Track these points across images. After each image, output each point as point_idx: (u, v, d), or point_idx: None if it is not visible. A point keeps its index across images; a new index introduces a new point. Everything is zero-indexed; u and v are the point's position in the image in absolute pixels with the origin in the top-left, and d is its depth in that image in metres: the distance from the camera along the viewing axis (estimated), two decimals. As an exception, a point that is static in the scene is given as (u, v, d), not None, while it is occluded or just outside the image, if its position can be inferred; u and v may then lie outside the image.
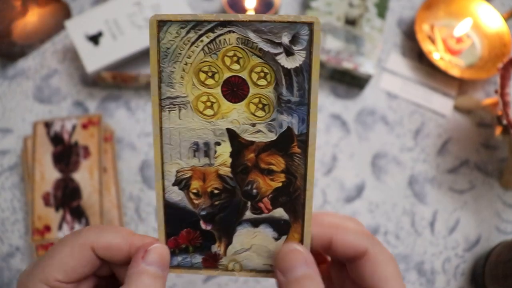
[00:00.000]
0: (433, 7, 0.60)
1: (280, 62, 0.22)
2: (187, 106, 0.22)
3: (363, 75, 0.54)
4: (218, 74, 0.22)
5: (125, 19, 0.53)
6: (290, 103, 0.22)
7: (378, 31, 0.56)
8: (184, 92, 0.22)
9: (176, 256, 0.24)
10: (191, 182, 0.23)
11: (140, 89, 0.55)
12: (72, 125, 0.48)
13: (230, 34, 0.21)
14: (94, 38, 0.52)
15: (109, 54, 0.51)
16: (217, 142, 0.23)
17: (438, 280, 0.49)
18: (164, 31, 0.21)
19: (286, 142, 0.22)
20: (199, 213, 0.24)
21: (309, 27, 0.21)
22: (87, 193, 0.46)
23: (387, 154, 0.54)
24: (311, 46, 0.21)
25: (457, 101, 0.57)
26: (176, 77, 0.22)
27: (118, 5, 0.53)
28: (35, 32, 0.56)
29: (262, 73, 0.22)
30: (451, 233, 0.51)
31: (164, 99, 0.22)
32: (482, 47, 0.59)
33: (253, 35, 0.21)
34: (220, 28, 0.21)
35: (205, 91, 0.22)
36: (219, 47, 0.22)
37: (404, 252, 0.50)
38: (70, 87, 0.55)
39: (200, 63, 0.22)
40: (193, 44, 0.22)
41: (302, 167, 0.23)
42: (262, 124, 0.22)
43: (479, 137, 0.56)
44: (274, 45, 0.21)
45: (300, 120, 0.22)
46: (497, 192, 0.54)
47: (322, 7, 0.56)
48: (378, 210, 0.52)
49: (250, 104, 0.22)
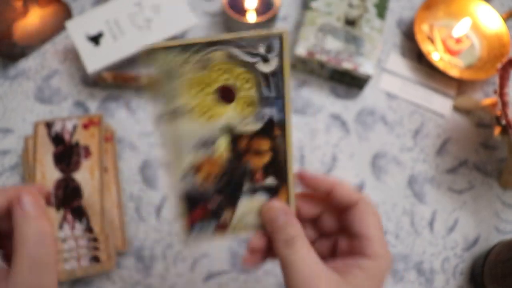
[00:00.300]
0: (432, 7, 0.60)
1: (258, 69, 0.27)
2: (189, 113, 0.28)
3: (363, 75, 0.54)
4: (210, 84, 0.27)
5: (125, 19, 0.53)
6: (269, 98, 0.28)
7: (378, 31, 0.56)
8: (185, 102, 0.27)
9: (194, 228, 0.31)
10: (199, 171, 0.29)
11: (141, 89, 0.55)
12: (73, 125, 0.48)
13: (216, 52, 0.26)
14: (95, 39, 0.52)
15: (109, 55, 0.51)
16: (216, 138, 0.28)
17: (437, 279, 0.49)
18: (159, 57, 0.26)
19: (269, 128, 0.29)
20: (208, 193, 0.30)
21: (280, 38, 0.26)
22: (87, 192, 0.46)
23: (387, 154, 0.55)
24: (282, 53, 0.27)
25: (456, 101, 0.58)
26: (177, 91, 0.27)
27: (118, 6, 0.53)
28: (36, 32, 0.56)
29: (245, 79, 0.27)
30: (450, 233, 0.52)
31: (170, 109, 0.27)
32: (481, 48, 0.60)
33: (236, 50, 0.27)
34: (208, 47, 0.26)
35: (202, 99, 0.28)
36: (208, 64, 0.27)
37: (403, 252, 0.50)
38: (71, 88, 0.55)
39: (195, 77, 0.27)
40: (187, 63, 0.27)
41: (283, 145, 0.29)
42: (250, 117, 0.28)
43: (478, 137, 0.56)
44: (253, 55, 0.27)
45: (278, 110, 0.28)
46: (496, 192, 0.54)
47: (322, 7, 0.57)
48: (378, 210, 0.52)
49: (238, 104, 0.28)
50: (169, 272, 0.48)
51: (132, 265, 0.48)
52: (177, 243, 0.49)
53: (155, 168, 0.52)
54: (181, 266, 0.48)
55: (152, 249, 0.48)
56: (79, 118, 0.49)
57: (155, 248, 0.48)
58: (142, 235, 0.49)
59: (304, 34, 0.55)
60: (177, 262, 0.48)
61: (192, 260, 0.48)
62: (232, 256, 0.49)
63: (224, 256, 0.49)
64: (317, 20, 0.56)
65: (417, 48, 0.60)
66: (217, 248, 0.49)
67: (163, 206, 0.50)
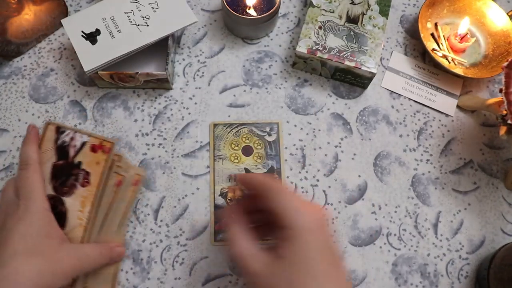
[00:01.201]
0: (436, 4, 0.59)
1: (266, 139, 0.52)
2: (226, 158, 0.51)
3: (366, 73, 0.53)
4: (239, 144, 0.52)
5: (123, 16, 0.52)
6: (272, 155, 0.52)
7: (381, 29, 0.55)
8: (225, 152, 0.51)
9: (219, 234, 0.48)
10: (228, 194, 0.50)
11: (138, 88, 0.54)
12: (82, 142, 0.43)
13: (244, 128, 0.52)
14: (91, 37, 0.51)
15: (107, 53, 0.50)
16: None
17: (441, 283, 0.48)
18: (215, 128, 0.52)
19: (271, 172, 0.51)
20: None
21: (277, 124, 0.53)
22: (71, 224, 0.41)
23: (390, 155, 0.53)
24: (278, 131, 0.53)
25: (461, 100, 0.56)
26: (221, 146, 0.52)
27: (115, 3, 0.52)
28: (31, 30, 0.54)
29: (258, 143, 0.52)
30: (454, 235, 0.50)
31: (216, 156, 0.51)
32: (486, 46, 0.58)
33: (254, 128, 0.53)
34: (239, 126, 0.52)
35: (234, 152, 0.51)
36: (239, 134, 0.52)
37: (407, 254, 0.49)
38: (67, 86, 0.54)
39: (231, 140, 0.52)
40: (228, 132, 0.52)
41: (280, 180, 0.51)
42: (259, 165, 0.51)
43: (483, 137, 0.55)
44: (263, 131, 0.52)
45: (276, 162, 0.51)
46: (502, 193, 0.53)
47: (324, 4, 0.55)
48: (380, 212, 0.51)
49: (254, 157, 0.51)
50: (168, 276, 0.47)
51: (130, 268, 0.46)
52: (176, 246, 0.48)
53: (153, 169, 0.51)
54: (179, 270, 0.47)
55: (150, 251, 0.47)
56: (92, 137, 0.43)
57: (153, 251, 0.47)
58: (139, 238, 0.48)
59: (305, 32, 0.54)
60: (175, 265, 0.47)
61: (191, 263, 0.47)
62: (231, 260, 0.47)
63: (223, 259, 0.47)
64: (318, 17, 0.55)
65: (421, 46, 0.58)
66: (216, 252, 0.48)
67: (161, 208, 0.49)
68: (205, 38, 0.58)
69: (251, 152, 0.50)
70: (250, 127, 0.51)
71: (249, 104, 0.54)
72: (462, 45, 0.57)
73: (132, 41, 0.50)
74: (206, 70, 0.56)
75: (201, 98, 0.54)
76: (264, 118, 0.54)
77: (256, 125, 0.52)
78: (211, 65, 0.56)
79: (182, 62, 0.56)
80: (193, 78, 0.55)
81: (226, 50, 0.57)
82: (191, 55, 0.57)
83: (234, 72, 0.56)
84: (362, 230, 0.50)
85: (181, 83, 0.55)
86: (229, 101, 0.54)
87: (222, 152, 0.51)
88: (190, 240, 0.48)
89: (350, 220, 0.50)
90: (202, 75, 0.56)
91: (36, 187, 0.39)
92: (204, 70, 0.56)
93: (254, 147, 0.51)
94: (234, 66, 0.56)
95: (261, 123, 0.52)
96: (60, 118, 0.52)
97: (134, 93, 0.54)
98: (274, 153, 0.51)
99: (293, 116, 0.54)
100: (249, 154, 0.50)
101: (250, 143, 0.51)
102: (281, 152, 0.51)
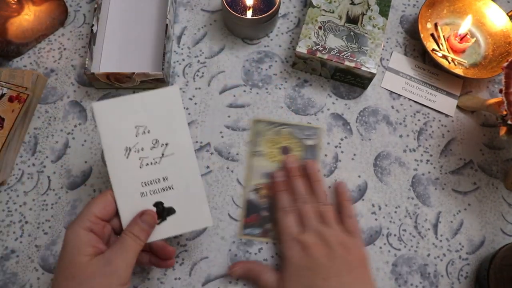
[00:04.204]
0: (436, 5, 0.59)
1: (305, 142, 0.53)
2: (263, 155, 0.52)
3: (366, 74, 0.53)
4: (278, 144, 0.52)
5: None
6: (309, 158, 0.52)
7: (381, 29, 0.55)
8: (263, 149, 0.52)
9: (247, 228, 0.49)
10: (261, 190, 0.50)
11: (137, 89, 0.54)
12: (1, 93, 0.48)
13: (285, 128, 0.53)
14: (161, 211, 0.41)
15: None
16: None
17: (441, 283, 0.48)
18: (256, 124, 0.53)
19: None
20: (263, 206, 0.50)
21: (317, 129, 0.53)
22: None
23: (390, 155, 0.53)
24: (318, 136, 0.53)
25: (461, 100, 0.56)
26: (260, 142, 0.52)
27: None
28: (31, 30, 0.54)
29: (297, 145, 0.52)
30: (454, 235, 0.50)
31: (254, 151, 0.52)
32: (486, 46, 0.58)
33: (295, 130, 0.53)
34: (281, 126, 0.53)
35: (272, 150, 0.52)
36: (279, 133, 0.53)
37: (407, 255, 0.49)
38: (67, 87, 0.54)
39: (271, 137, 0.52)
40: (269, 130, 0.53)
41: None
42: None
43: (483, 138, 0.55)
44: (304, 135, 0.53)
45: None
46: (502, 193, 0.53)
47: (323, 4, 0.55)
48: (380, 212, 0.51)
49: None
50: (167, 276, 0.46)
51: (129, 268, 0.46)
52: (176, 246, 0.48)
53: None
54: (179, 270, 0.47)
55: (149, 252, 0.47)
56: (12, 89, 0.49)
57: (152, 251, 0.47)
58: (139, 238, 0.48)
59: (305, 32, 0.54)
60: (175, 265, 0.47)
61: (191, 263, 0.47)
62: (232, 260, 0.47)
63: (223, 259, 0.47)
64: (318, 17, 0.55)
65: (421, 47, 0.58)
66: (216, 252, 0.48)
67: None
68: (205, 38, 0.58)
69: (289, 153, 0.51)
70: (291, 129, 0.52)
71: (249, 105, 0.54)
72: (462, 45, 0.57)
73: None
74: (206, 71, 0.56)
75: (201, 98, 0.54)
76: (264, 118, 0.54)
77: (298, 127, 0.53)
78: (211, 66, 0.56)
79: (182, 62, 0.56)
80: (193, 78, 0.55)
81: (226, 51, 0.57)
82: (191, 55, 0.57)
83: (234, 72, 0.56)
84: (362, 230, 0.50)
85: (181, 84, 0.55)
86: (229, 101, 0.54)
87: (260, 149, 0.51)
88: (190, 240, 0.48)
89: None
90: (202, 75, 0.56)
91: None
92: (204, 70, 0.56)
93: (292, 149, 0.51)
94: (234, 67, 0.56)
95: (303, 126, 0.53)
96: (60, 119, 0.52)
97: (133, 93, 0.54)
98: (311, 157, 0.51)
99: (293, 117, 0.54)
100: (286, 153, 0.51)
101: (289, 144, 0.52)
102: (319, 157, 0.52)
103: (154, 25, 0.57)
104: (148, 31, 0.57)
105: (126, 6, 0.59)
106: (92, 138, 0.52)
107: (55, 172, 0.50)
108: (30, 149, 0.51)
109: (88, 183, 0.50)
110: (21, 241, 0.47)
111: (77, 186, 0.50)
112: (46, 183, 0.50)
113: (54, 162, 0.51)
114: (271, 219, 0.49)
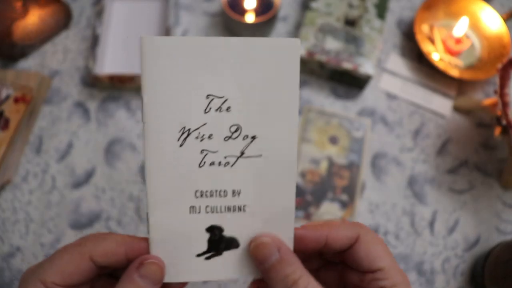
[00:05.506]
0: (432, 7, 0.60)
1: (353, 134, 0.54)
2: (312, 141, 0.54)
3: (363, 75, 0.54)
4: (327, 133, 0.54)
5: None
6: (354, 149, 0.54)
7: (378, 31, 0.56)
8: (312, 136, 0.54)
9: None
10: (306, 175, 0.52)
11: (140, 90, 0.55)
12: (7, 94, 0.49)
13: (335, 119, 0.55)
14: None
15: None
16: (321, 160, 0.53)
17: (437, 280, 0.49)
18: (307, 113, 0.55)
19: (351, 165, 0.53)
20: (307, 190, 0.52)
21: (366, 122, 0.55)
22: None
23: (387, 155, 0.54)
24: (366, 129, 0.55)
25: (457, 101, 0.58)
26: (311, 129, 0.54)
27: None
28: (36, 33, 0.56)
29: (345, 136, 0.54)
30: (450, 233, 0.51)
31: (303, 137, 0.54)
32: (481, 48, 0.60)
33: (344, 121, 0.55)
34: (331, 116, 0.55)
35: (321, 138, 0.54)
36: (329, 123, 0.55)
37: (403, 252, 0.50)
38: (71, 88, 0.55)
39: (321, 127, 0.54)
40: (319, 119, 0.55)
41: (356, 177, 0.52)
42: (342, 156, 0.53)
43: (478, 138, 0.56)
44: (353, 126, 0.55)
45: (358, 157, 0.54)
46: (497, 192, 0.54)
47: (321, 7, 0.57)
48: (378, 210, 0.52)
49: (338, 147, 0.54)
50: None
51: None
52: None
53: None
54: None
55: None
56: (16, 90, 0.50)
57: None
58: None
59: (304, 35, 0.55)
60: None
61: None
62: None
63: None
64: (317, 20, 0.56)
65: (417, 48, 0.59)
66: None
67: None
68: (206, 40, 0.59)
69: (337, 142, 0.53)
70: (341, 120, 0.55)
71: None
72: (457, 47, 0.58)
73: None
74: (207, 72, 0.57)
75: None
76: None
77: (347, 118, 0.55)
78: (212, 67, 0.57)
79: (183, 64, 0.57)
80: (194, 79, 0.56)
81: (226, 53, 0.58)
82: (192, 57, 0.58)
83: (234, 74, 0.57)
84: (359, 228, 0.51)
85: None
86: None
87: (310, 136, 0.54)
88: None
89: (348, 219, 0.51)
90: (203, 76, 0.57)
91: None
92: (205, 72, 0.57)
93: (341, 139, 0.54)
94: (234, 68, 0.57)
95: (352, 118, 0.55)
96: (64, 119, 0.53)
97: (136, 94, 0.55)
98: (357, 149, 0.53)
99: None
100: (335, 143, 0.53)
101: (338, 134, 0.54)
102: (364, 149, 0.53)
103: (156, 27, 0.59)
104: (151, 34, 0.58)
105: (129, 9, 0.60)
106: (95, 138, 0.53)
107: (59, 171, 0.51)
108: (35, 148, 0.52)
109: (92, 182, 0.51)
110: (26, 239, 0.48)
111: (80, 185, 0.51)
112: (51, 182, 0.51)
113: (58, 162, 0.52)
114: (315, 201, 0.51)
